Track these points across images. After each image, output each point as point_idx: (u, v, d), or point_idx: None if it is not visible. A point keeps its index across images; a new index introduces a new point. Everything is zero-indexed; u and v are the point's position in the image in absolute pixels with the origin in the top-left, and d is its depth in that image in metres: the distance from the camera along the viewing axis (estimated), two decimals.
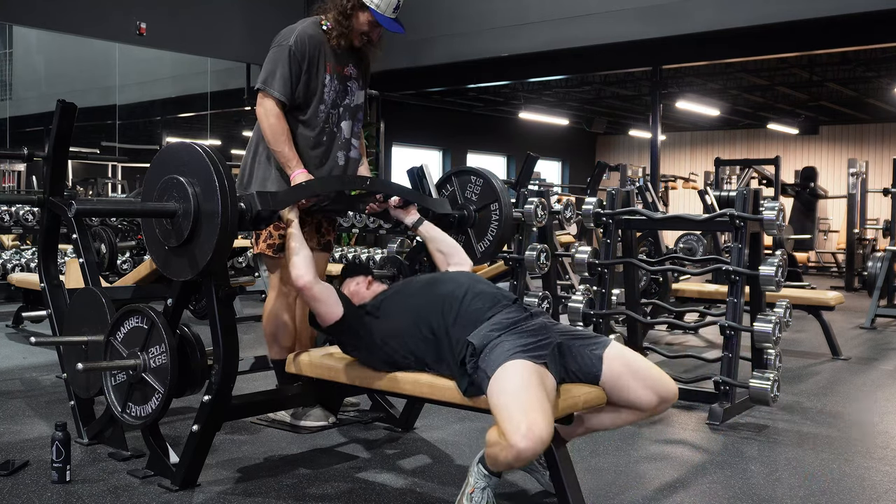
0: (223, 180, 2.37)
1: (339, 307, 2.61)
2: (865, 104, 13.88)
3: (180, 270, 2.52)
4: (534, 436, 2.05)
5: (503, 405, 2.15)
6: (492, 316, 2.38)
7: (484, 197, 3.27)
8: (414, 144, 15.10)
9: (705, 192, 9.29)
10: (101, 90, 10.90)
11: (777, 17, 7.46)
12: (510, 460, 2.09)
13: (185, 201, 2.43)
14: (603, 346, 2.41)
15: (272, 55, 3.04)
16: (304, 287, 2.59)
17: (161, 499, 2.54)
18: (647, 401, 2.38)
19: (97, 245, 5.33)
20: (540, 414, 2.09)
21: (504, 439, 2.08)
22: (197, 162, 2.44)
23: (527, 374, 2.20)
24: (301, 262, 2.62)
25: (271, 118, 3.01)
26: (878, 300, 6.95)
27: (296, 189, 2.82)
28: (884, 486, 2.85)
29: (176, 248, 2.49)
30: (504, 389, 2.18)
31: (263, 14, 9.43)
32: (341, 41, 3.08)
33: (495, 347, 2.27)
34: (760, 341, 3.62)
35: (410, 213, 3.06)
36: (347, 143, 3.23)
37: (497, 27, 9.06)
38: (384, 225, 6.70)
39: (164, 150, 2.62)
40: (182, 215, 2.44)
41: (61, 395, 3.67)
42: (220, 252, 2.39)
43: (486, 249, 3.26)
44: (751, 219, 3.69)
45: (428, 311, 2.47)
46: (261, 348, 4.54)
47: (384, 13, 3.04)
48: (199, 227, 2.42)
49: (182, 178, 2.44)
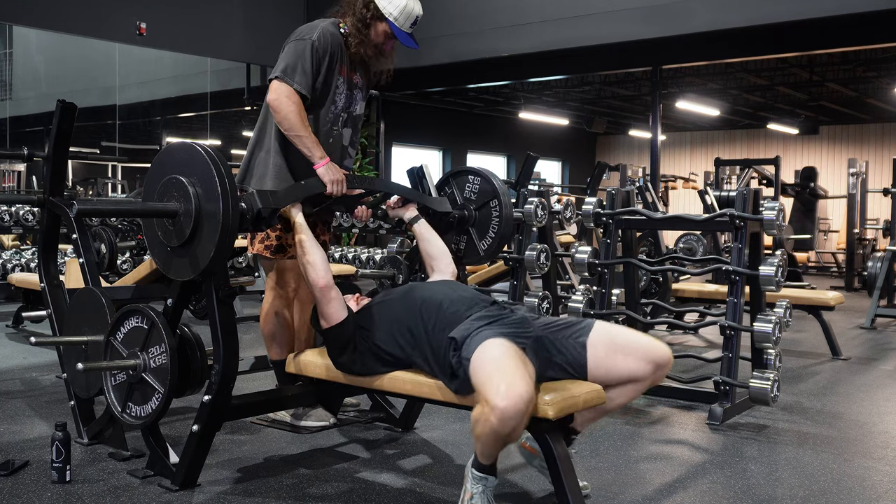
0: (224, 180, 2.37)
1: (345, 310, 2.65)
2: (865, 104, 13.89)
3: (182, 270, 2.52)
4: (513, 394, 2.06)
5: (483, 374, 2.18)
6: (470, 315, 2.40)
7: (483, 195, 3.27)
8: (414, 144, 15.10)
9: (705, 192, 9.29)
10: (101, 90, 10.90)
11: (777, 17, 7.46)
12: (495, 425, 2.08)
13: (187, 201, 2.43)
14: (586, 331, 2.42)
15: (293, 48, 2.97)
16: (325, 287, 2.62)
17: (161, 499, 2.54)
18: (643, 371, 2.38)
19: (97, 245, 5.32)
20: (518, 376, 2.11)
21: (486, 405, 2.09)
22: (198, 162, 2.43)
23: (505, 349, 2.23)
24: (320, 263, 2.66)
25: (291, 105, 2.90)
26: (878, 300, 6.95)
27: (296, 187, 2.82)
28: (884, 486, 2.85)
29: (177, 248, 2.49)
30: (483, 361, 2.21)
31: (264, 14, 9.44)
32: (360, 49, 3.07)
33: (475, 336, 2.30)
34: (760, 341, 3.62)
35: (408, 210, 3.10)
36: (345, 150, 3.23)
37: (497, 27, 9.07)
38: (384, 225, 6.71)
39: (164, 151, 2.62)
40: (183, 215, 2.44)
41: (61, 395, 3.67)
42: (221, 252, 2.40)
43: (489, 247, 3.27)
44: (751, 219, 3.69)
45: (407, 318, 2.51)
46: (261, 348, 4.54)
47: (402, 27, 3.04)
48: (200, 228, 2.42)
49: (183, 178, 2.44)
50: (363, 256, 7.33)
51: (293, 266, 3.18)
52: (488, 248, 3.27)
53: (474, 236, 3.30)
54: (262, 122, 3.13)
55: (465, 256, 3.33)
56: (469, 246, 3.30)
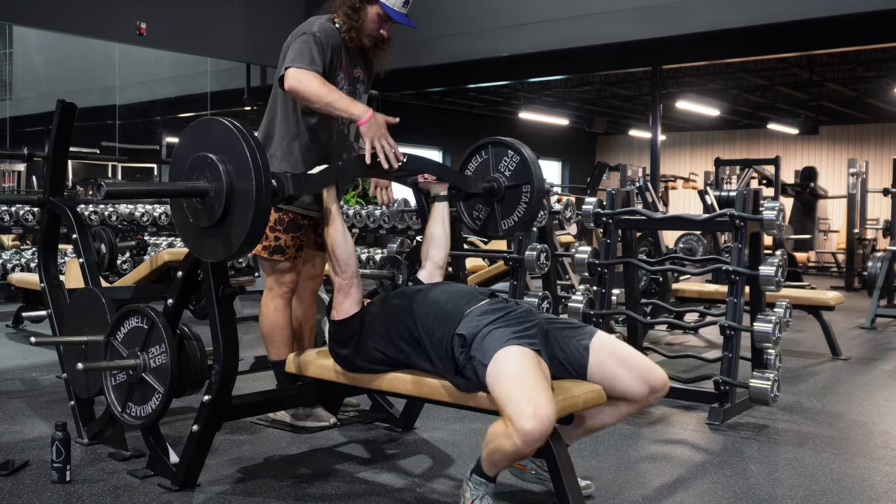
0: (256, 156, 2.27)
1: (359, 305, 2.64)
2: (865, 104, 13.89)
3: (214, 251, 2.40)
4: (540, 416, 2.05)
5: (505, 390, 2.15)
6: (470, 310, 2.39)
7: (517, 176, 3.11)
8: (414, 144, 15.08)
9: (705, 192, 9.30)
10: (101, 90, 10.90)
11: (777, 17, 7.46)
12: (519, 446, 2.07)
13: (217, 180, 2.30)
14: (589, 336, 2.42)
15: (297, 43, 2.94)
16: (348, 279, 2.61)
17: (161, 499, 2.54)
18: (639, 391, 2.38)
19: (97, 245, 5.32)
20: (543, 395, 2.10)
21: (510, 425, 2.07)
22: (228, 138, 2.31)
23: (524, 360, 2.22)
24: (346, 254, 2.64)
25: (310, 78, 2.85)
26: (878, 300, 6.95)
27: (329, 171, 2.76)
28: (884, 486, 2.85)
29: (208, 228, 2.36)
30: (505, 375, 2.18)
31: (264, 14, 9.44)
32: (352, 35, 3.06)
33: (487, 335, 2.28)
34: (760, 341, 3.62)
35: (440, 187, 3.03)
36: (351, 146, 3.24)
37: (497, 27, 9.06)
38: (384, 225, 6.71)
39: (192, 127, 2.47)
40: (214, 194, 2.31)
41: (61, 395, 3.67)
42: (255, 231, 2.28)
43: (510, 228, 3.15)
44: (751, 219, 3.69)
45: (406, 319, 2.49)
46: (261, 348, 4.53)
47: (394, 6, 3.03)
48: (232, 206, 2.30)
49: (213, 155, 2.32)
50: (363, 256, 7.33)
51: (291, 267, 3.18)
52: (509, 229, 3.15)
53: (498, 212, 3.17)
54: (268, 126, 3.12)
55: (484, 229, 3.21)
56: (490, 219, 3.18)
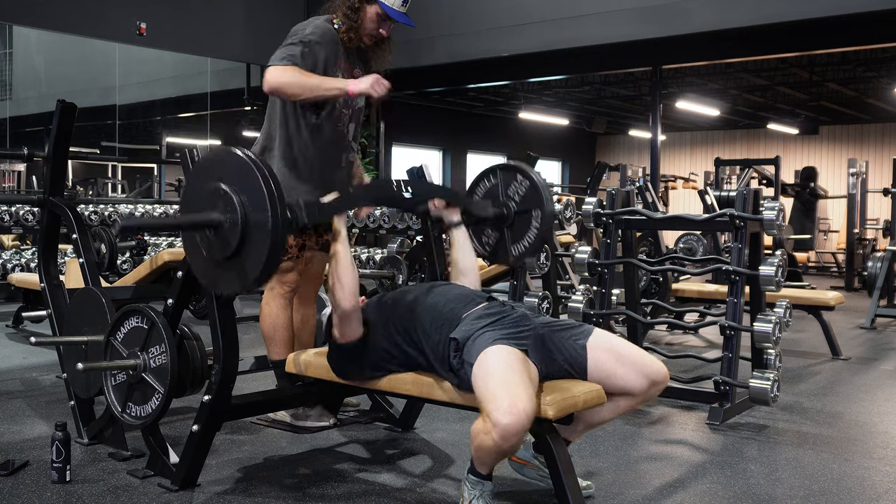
0: (271, 188, 2.24)
1: (360, 329, 2.56)
2: (865, 104, 13.89)
3: (230, 284, 2.36)
4: (517, 410, 2.05)
5: (485, 387, 2.16)
6: (468, 313, 2.39)
7: (526, 201, 3.07)
8: (414, 144, 15.10)
9: (705, 192, 9.30)
10: (101, 90, 10.90)
11: (777, 17, 7.46)
12: (497, 441, 2.07)
13: (232, 211, 2.28)
14: (586, 335, 2.42)
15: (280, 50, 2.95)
16: (352, 309, 2.52)
17: (161, 499, 2.54)
18: (639, 385, 2.38)
19: (97, 245, 5.32)
20: (522, 390, 2.10)
21: (488, 421, 2.08)
22: (241, 169, 2.29)
23: (509, 358, 2.22)
24: (350, 284, 2.53)
25: (286, 72, 2.87)
26: (878, 300, 6.95)
27: (343, 200, 2.70)
28: (884, 486, 2.85)
29: (222, 261, 2.33)
30: (486, 373, 2.19)
31: (264, 14, 9.43)
32: (351, 35, 3.07)
33: (477, 338, 2.29)
34: (760, 341, 3.62)
35: (452, 213, 2.94)
36: (349, 145, 3.26)
37: (497, 27, 9.06)
38: (384, 225, 6.71)
39: (204, 158, 2.48)
40: (229, 227, 2.29)
41: (61, 395, 3.67)
42: (271, 264, 2.26)
43: (521, 254, 3.12)
44: (751, 219, 3.69)
45: (405, 320, 2.49)
46: (261, 348, 4.53)
47: (393, 5, 3.04)
48: (247, 239, 2.27)
49: (226, 186, 2.29)
50: (363, 256, 7.33)
51: (293, 267, 3.18)
52: (520, 255, 3.12)
53: (508, 238, 3.14)
54: (268, 130, 3.13)
55: (494, 254, 3.19)
56: (500, 245, 3.15)
